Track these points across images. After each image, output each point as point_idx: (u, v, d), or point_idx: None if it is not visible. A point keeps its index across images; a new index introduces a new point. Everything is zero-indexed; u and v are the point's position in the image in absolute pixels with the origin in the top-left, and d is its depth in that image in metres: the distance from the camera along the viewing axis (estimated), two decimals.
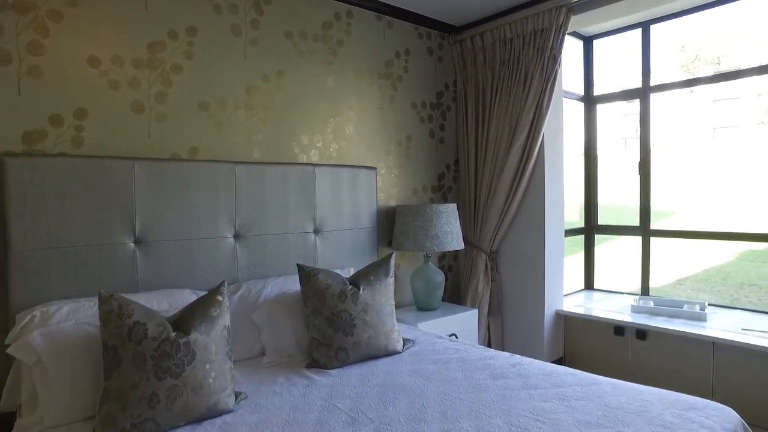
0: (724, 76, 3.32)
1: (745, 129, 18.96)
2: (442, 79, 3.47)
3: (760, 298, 5.79)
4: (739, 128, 19.60)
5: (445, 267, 3.51)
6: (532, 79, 3.01)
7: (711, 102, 20.31)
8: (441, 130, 3.47)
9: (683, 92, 17.44)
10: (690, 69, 17.55)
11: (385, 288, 2.18)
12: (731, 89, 18.82)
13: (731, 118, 19.18)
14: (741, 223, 9.41)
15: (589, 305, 3.33)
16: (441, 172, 3.47)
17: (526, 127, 3.04)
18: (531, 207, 3.18)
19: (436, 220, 2.84)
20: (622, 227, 3.64)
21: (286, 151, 2.67)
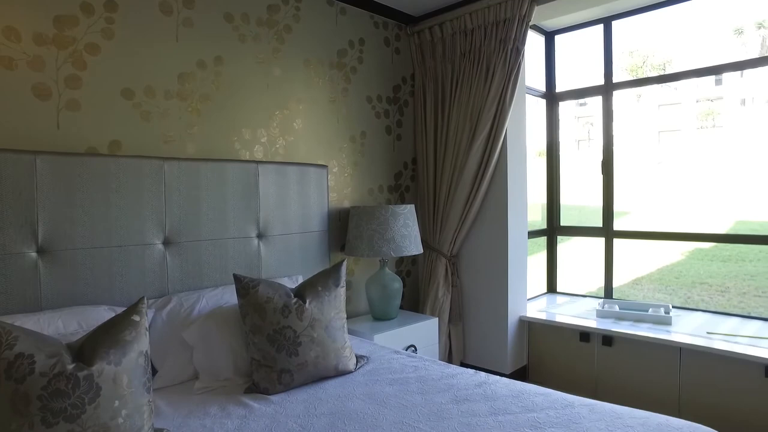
0: (686, 74, 3.25)
1: (687, 133, 19.71)
2: (399, 71, 3.26)
3: (711, 296, 5.92)
4: (681, 132, 20.38)
5: (403, 272, 3.30)
6: (494, 72, 2.84)
7: (656, 107, 21.11)
8: (398, 126, 3.26)
9: (631, 97, 17.90)
10: (638, 74, 18.11)
11: (335, 300, 1.95)
12: (674, 95, 19.54)
13: (674, 122, 19.94)
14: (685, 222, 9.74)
15: (553, 310, 3.20)
16: (398, 170, 3.26)
17: (488, 123, 2.86)
18: (493, 208, 3.02)
19: (393, 222, 2.62)
20: (586, 228, 3.54)
21: (226, 146, 2.40)
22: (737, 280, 6.51)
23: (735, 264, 7.00)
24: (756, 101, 19.42)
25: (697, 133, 20.01)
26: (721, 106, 20.37)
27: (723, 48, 21.63)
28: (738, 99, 20.01)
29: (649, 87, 21.19)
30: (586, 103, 22.08)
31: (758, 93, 19.31)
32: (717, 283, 6.41)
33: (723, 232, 9.13)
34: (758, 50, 20.12)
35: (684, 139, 19.73)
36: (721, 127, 20.08)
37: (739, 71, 10.45)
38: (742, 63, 3.07)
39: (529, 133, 3.20)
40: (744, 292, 6.08)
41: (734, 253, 7.23)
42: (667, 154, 18.37)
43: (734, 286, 6.27)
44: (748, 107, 19.67)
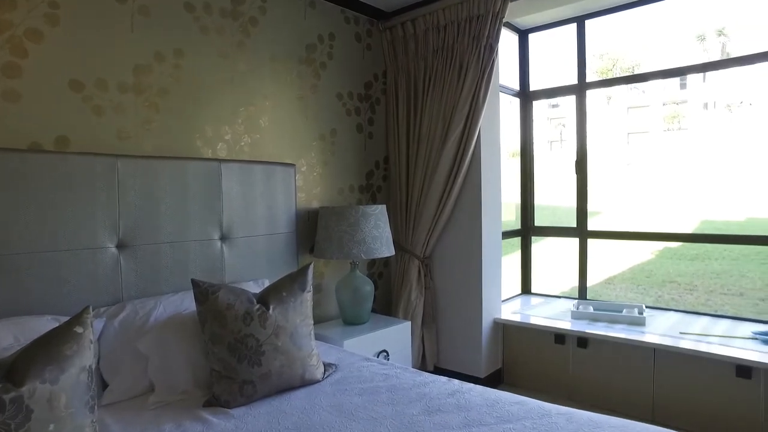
0: (655, 74, 3.25)
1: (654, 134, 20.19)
2: (370, 68, 3.16)
3: (680, 295, 6.02)
4: (649, 133, 20.87)
5: (374, 275, 3.21)
6: (467, 69, 2.78)
7: (625, 109, 21.59)
8: (369, 125, 3.16)
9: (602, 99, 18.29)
10: (609, 76, 18.52)
11: (300, 305, 1.84)
12: (642, 98, 19.96)
13: (642, 124, 20.40)
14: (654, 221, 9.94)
15: (527, 312, 3.16)
16: (369, 170, 3.17)
17: (462, 122, 2.80)
18: (467, 208, 2.95)
19: (364, 223, 2.53)
20: (560, 228, 3.51)
21: (187, 143, 2.26)
22: (704, 278, 6.64)
23: (702, 263, 7.15)
24: (717, 105, 20.06)
25: (663, 135, 20.56)
26: (685, 110, 20.95)
27: (687, 52, 22.18)
28: (701, 103, 20.64)
29: (619, 90, 21.61)
30: (558, 104, 22.40)
31: (719, 97, 19.95)
32: (686, 282, 6.53)
33: (689, 231, 9.34)
34: (719, 55, 20.79)
35: (652, 140, 20.24)
36: (686, 129, 20.67)
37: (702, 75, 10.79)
38: (707, 65, 3.09)
39: (502, 132, 3.15)
40: (711, 290, 6.21)
41: (701, 252, 7.39)
42: (636, 155, 18.79)
43: (702, 285, 6.40)
44: (710, 111, 20.30)
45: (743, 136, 19.11)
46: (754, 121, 18.78)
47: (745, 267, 6.83)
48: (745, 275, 6.64)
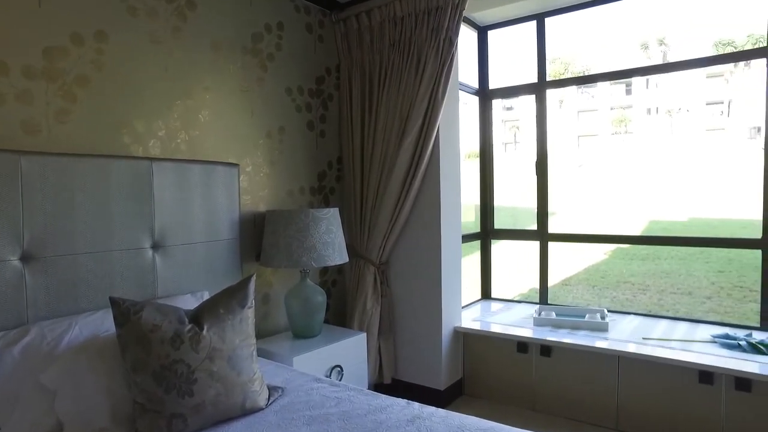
0: (617, 74, 3.21)
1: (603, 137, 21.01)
2: (323, 62, 2.96)
3: (634, 295, 6.12)
4: (598, 136, 21.70)
5: (328, 282, 3.01)
6: (425, 64, 2.62)
7: (576, 113, 22.35)
8: (322, 122, 2.96)
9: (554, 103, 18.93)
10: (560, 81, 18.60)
11: (240, 324, 1.62)
12: (591, 102, 20.77)
13: (592, 127, 21.16)
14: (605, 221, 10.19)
15: (488, 319, 3.03)
16: (322, 170, 2.96)
17: (419, 119, 2.64)
18: (425, 211, 2.79)
19: (314, 228, 2.32)
20: (520, 231, 3.42)
21: (112, 139, 1.99)
22: (655, 278, 6.80)
23: (652, 262, 7.33)
24: (659, 111, 21.01)
25: (612, 138, 21.36)
26: (631, 114, 21.83)
27: (632, 59, 23.11)
28: (645, 108, 21.58)
29: (570, 95, 22.17)
30: (512, 107, 22.79)
31: (661, 104, 20.92)
32: (638, 282, 6.66)
33: (638, 231, 9.63)
34: (661, 62, 21.72)
35: (601, 143, 20.99)
36: (632, 133, 21.54)
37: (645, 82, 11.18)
38: (660, 67, 3.06)
39: (462, 132, 3.02)
40: (662, 289, 6.35)
41: (651, 252, 7.58)
42: (586, 157, 19.39)
43: (653, 284, 6.54)
44: (653, 116, 21.25)
45: (682, 140, 20.10)
46: (691, 127, 19.80)
47: (692, 266, 7.05)
48: (692, 274, 6.84)
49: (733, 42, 19.83)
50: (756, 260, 7.03)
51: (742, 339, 2.47)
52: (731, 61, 3.03)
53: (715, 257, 7.15)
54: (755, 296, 6.07)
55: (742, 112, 19.27)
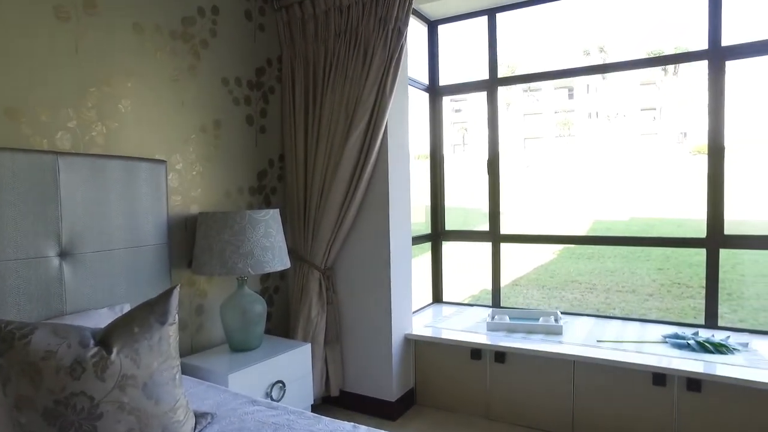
0: (562, 73, 3.17)
1: (548, 140, 21.62)
2: (264, 52, 2.74)
3: (582, 294, 6.21)
4: (543, 139, 22.33)
5: (269, 289, 2.79)
6: (373, 55, 2.46)
7: (522, 115, 22.92)
8: (262, 117, 2.74)
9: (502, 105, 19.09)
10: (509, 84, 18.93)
11: (160, 343, 1.39)
12: (536, 106, 21.32)
13: (537, 130, 21.75)
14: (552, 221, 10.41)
15: (440, 325, 2.91)
16: (262, 169, 2.75)
17: (366, 114, 2.47)
18: (373, 212, 2.63)
19: (251, 231, 2.11)
20: (472, 233, 3.32)
21: (5, 130, 1.71)
22: (601, 276, 6.95)
23: (597, 261, 7.51)
24: (600, 115, 21.97)
25: (556, 140, 22.06)
26: (574, 118, 22.67)
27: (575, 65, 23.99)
28: (586, 112, 22.50)
29: (516, 97, 22.74)
30: (460, 109, 23.18)
31: (601, 108, 21.90)
32: (586, 281, 6.78)
33: (583, 230, 9.88)
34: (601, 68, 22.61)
35: (546, 145, 21.61)
36: (575, 136, 22.37)
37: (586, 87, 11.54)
38: (606, 66, 3.06)
39: (412, 130, 2.88)
40: (608, 288, 6.49)
41: (596, 251, 7.77)
42: (533, 158, 19.88)
43: (600, 283, 6.68)
44: (593, 120, 22.18)
45: (620, 143, 21.11)
46: (628, 131, 20.79)
47: (634, 264, 7.27)
48: (634, 272, 7.04)
49: (662, 52, 20.96)
50: (690, 257, 7.32)
51: (691, 338, 2.46)
52: (672, 63, 3.05)
53: (655, 255, 7.41)
54: (691, 292, 6.31)
55: (672, 118, 20.47)
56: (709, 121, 2.67)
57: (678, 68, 21.20)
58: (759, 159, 11.30)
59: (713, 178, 2.64)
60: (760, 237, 2.65)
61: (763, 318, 5.37)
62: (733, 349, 2.36)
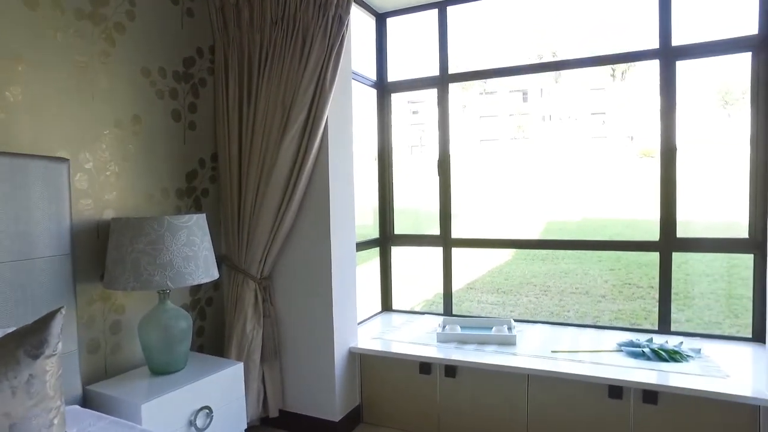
0: (514, 69, 3.06)
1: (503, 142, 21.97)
2: (193, 40, 2.49)
3: (537, 297, 6.19)
4: (498, 141, 22.66)
5: (201, 301, 2.53)
6: (312, 44, 2.26)
7: (478, 117, 23.13)
8: (191, 112, 2.48)
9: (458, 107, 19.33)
10: (465, 86, 19.57)
11: (30, 382, 1.14)
12: (492, 108, 21.61)
13: (492, 132, 22.06)
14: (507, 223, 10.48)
15: (388, 336, 2.72)
16: (192, 169, 2.49)
17: (305, 109, 2.27)
18: (312, 216, 2.42)
19: (170, 239, 1.86)
20: (422, 237, 3.15)
21: None
22: (555, 278, 6.97)
23: (551, 263, 7.54)
24: (552, 118, 22.58)
25: (511, 142, 22.48)
26: (528, 121, 23.19)
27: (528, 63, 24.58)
28: (540, 116, 23.07)
29: (472, 100, 23.04)
30: (418, 111, 23.26)
31: (554, 112, 22.53)
32: (540, 283, 6.78)
33: (537, 231, 9.97)
34: (552, 74, 23.40)
35: (501, 147, 21.96)
36: (529, 138, 22.88)
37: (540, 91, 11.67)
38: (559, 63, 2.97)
39: (359, 128, 2.69)
40: (562, 290, 6.50)
41: (549, 252, 7.80)
42: (488, 160, 20.12)
43: (554, 285, 6.69)
44: (547, 123, 22.78)
45: (572, 146, 21.77)
46: (579, 134, 21.47)
47: (587, 265, 7.33)
48: (587, 273, 7.10)
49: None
50: (639, 257, 7.44)
51: (645, 345, 2.38)
52: (624, 62, 2.98)
53: (606, 256, 7.51)
54: (641, 293, 6.40)
55: (620, 122, 21.33)
56: (661, 122, 2.60)
57: (625, 74, 21.99)
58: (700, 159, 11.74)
59: (665, 182, 2.57)
60: (713, 240, 2.60)
61: (708, 317, 5.48)
62: (686, 356, 2.29)
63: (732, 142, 17.66)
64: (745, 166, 2.61)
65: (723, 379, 2.04)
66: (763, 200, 2.46)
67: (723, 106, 20.77)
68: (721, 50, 2.56)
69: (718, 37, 2.55)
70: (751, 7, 2.52)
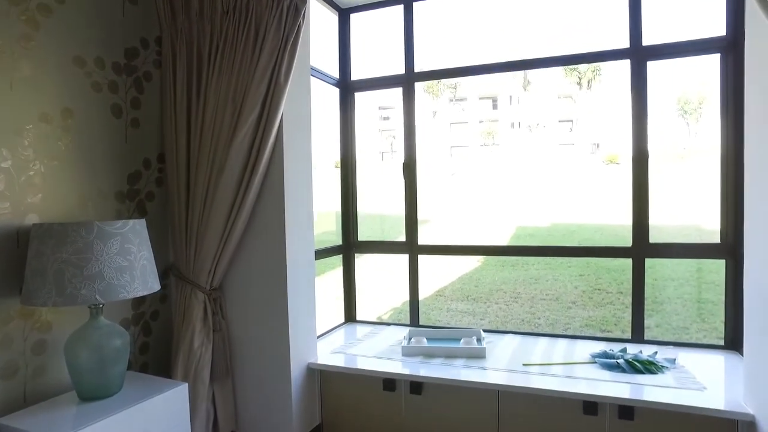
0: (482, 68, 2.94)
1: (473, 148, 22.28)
2: (137, 30, 2.28)
3: (507, 303, 6.10)
4: (468, 147, 22.99)
5: (145, 315, 2.31)
6: (265, 36, 2.08)
7: (448, 124, 23.44)
8: (134, 108, 2.27)
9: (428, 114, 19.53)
10: (434, 90, 19.76)
11: None
12: (462, 115, 21.98)
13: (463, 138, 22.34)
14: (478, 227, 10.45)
15: (351, 350, 2.55)
16: (135, 170, 2.27)
17: (257, 107, 2.09)
18: (267, 222, 2.23)
19: (100, 248, 1.65)
20: (388, 244, 3.00)
21: None
22: (525, 285, 6.92)
23: (522, 269, 7.49)
24: (521, 126, 22.97)
25: (481, 149, 22.73)
26: (497, 128, 23.51)
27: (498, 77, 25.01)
28: (509, 122, 23.45)
29: (443, 107, 23.16)
30: (389, 117, 23.24)
31: (523, 119, 22.95)
32: (510, 290, 6.71)
33: (507, 236, 9.96)
34: (521, 82, 23.87)
35: (471, 153, 22.16)
36: (498, 145, 23.18)
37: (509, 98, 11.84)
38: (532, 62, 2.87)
39: (327, 133, 2.52)
40: (532, 296, 6.44)
41: (520, 258, 7.76)
42: (458, 166, 20.22)
43: (524, 291, 6.63)
44: (516, 130, 23.16)
45: (541, 152, 22.19)
46: (547, 141, 21.89)
47: (557, 271, 7.31)
48: (557, 279, 7.07)
49: (577, 67, 22.29)
50: (608, 262, 7.45)
51: (620, 357, 2.27)
52: (594, 62, 2.90)
53: (576, 262, 7.52)
54: (611, 298, 6.39)
55: (586, 129, 21.89)
56: (632, 126, 2.52)
57: (592, 82, 22.53)
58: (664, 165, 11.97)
59: (637, 187, 2.49)
60: (685, 245, 2.53)
61: (676, 322, 5.49)
62: (662, 367, 2.19)
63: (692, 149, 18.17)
64: (713, 170, 2.56)
65: (700, 391, 1.95)
66: (734, 204, 2.40)
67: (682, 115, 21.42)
68: (691, 51, 2.50)
69: (689, 38, 2.49)
70: (719, 9, 2.48)
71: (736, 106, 2.38)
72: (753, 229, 1.83)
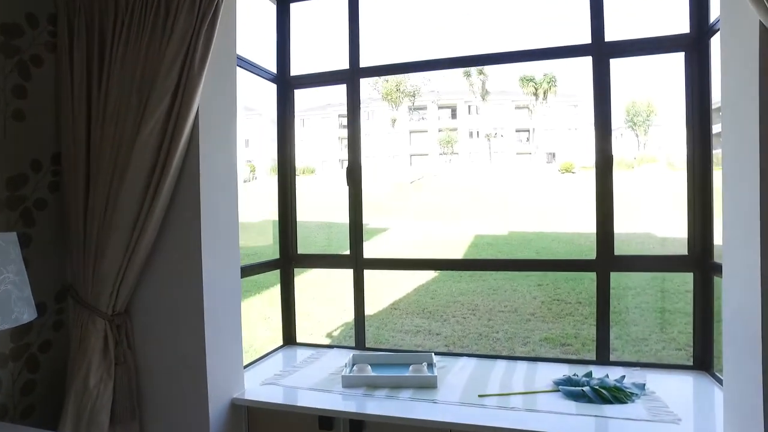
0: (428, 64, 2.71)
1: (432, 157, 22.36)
2: (21, 5, 1.91)
3: (464, 316, 5.88)
4: (428, 156, 23.05)
5: (31, 348, 1.91)
6: (177, 15, 1.76)
7: (407, 133, 23.44)
8: (18, 97, 1.89)
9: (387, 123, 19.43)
10: (393, 97, 19.74)
11: None
12: (422, 124, 22.07)
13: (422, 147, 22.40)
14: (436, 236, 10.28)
15: (285, 380, 2.22)
16: (20, 173, 1.89)
17: (165, 99, 1.75)
18: (180, 232, 1.89)
19: None
20: (331, 257, 2.71)
21: None
22: (483, 295, 6.73)
23: (480, 279, 7.31)
24: (480, 135, 23.29)
25: (440, 157, 22.85)
26: (456, 136, 23.72)
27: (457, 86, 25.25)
28: (468, 132, 23.74)
29: (402, 116, 23.07)
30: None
31: (481, 128, 23.28)
32: (467, 301, 6.50)
33: (465, 244, 9.82)
34: (479, 90, 24.21)
35: (430, 162, 22.21)
36: (457, 153, 23.38)
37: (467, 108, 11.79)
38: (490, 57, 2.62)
39: (246, 122, 2.19)
40: (490, 308, 6.26)
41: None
42: (418, 174, 20.17)
43: (482, 303, 6.43)
44: (474, 139, 23.47)
45: (498, 161, 22.53)
46: (505, 150, 22.26)
47: (515, 282, 7.17)
48: (516, 289, 6.92)
49: (533, 78, 22.80)
50: (567, 272, 7.37)
51: (585, 383, 2.04)
52: (555, 57, 2.65)
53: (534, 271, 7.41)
54: (570, 309, 6.28)
55: (542, 139, 22.46)
56: (594, 129, 2.33)
57: (548, 93, 23.00)
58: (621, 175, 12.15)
59: (602, 195, 2.29)
60: (651, 257, 2.36)
61: (635, 333, 5.40)
62: (631, 394, 1.97)
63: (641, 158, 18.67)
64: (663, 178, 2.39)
65: (675, 424, 1.73)
66: (702, 214, 2.23)
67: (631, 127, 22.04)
68: (655, 48, 2.34)
69: (652, 35, 2.33)
70: (683, 5, 2.33)
71: (702, 107, 2.22)
72: (732, 244, 1.63)
